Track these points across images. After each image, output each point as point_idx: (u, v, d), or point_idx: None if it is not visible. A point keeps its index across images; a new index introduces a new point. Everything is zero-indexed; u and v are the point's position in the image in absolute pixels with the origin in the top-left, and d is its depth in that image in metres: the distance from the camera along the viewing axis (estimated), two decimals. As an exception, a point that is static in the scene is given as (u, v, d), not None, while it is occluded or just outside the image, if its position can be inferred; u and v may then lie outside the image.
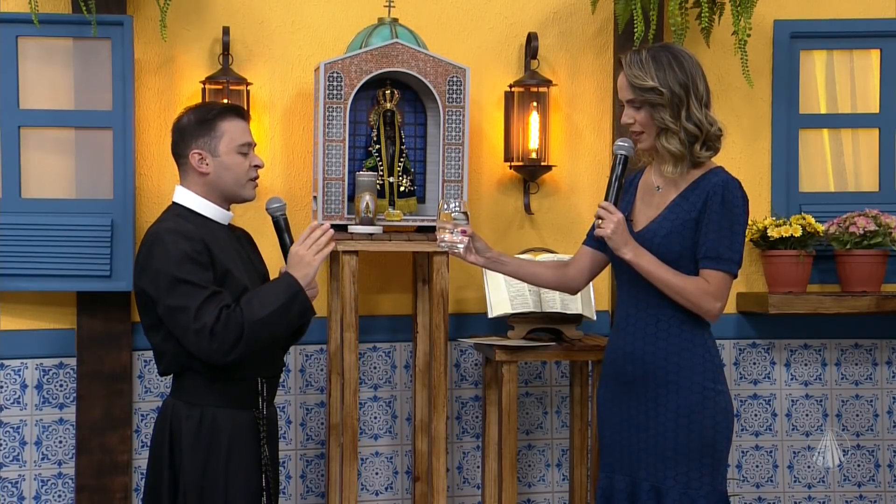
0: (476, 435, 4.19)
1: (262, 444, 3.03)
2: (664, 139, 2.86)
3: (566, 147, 4.20)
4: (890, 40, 4.29)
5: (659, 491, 2.85)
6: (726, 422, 2.86)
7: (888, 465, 4.35)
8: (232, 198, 3.08)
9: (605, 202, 2.87)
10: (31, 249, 3.76)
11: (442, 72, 3.76)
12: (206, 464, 2.97)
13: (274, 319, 2.92)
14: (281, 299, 2.93)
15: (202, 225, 3.02)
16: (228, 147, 3.01)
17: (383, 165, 3.86)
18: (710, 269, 2.82)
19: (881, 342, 4.34)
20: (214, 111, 3.05)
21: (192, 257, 2.92)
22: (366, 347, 4.10)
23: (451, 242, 3.00)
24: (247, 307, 2.91)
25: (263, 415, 3.04)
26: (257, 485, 3.02)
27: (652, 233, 2.89)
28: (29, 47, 3.81)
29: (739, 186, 2.86)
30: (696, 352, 2.85)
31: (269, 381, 3.09)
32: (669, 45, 2.94)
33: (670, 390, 2.84)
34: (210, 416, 2.99)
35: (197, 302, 2.89)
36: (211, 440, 2.98)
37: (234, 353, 2.91)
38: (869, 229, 4.05)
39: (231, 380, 3.00)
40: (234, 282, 2.98)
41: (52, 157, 3.86)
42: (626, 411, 2.91)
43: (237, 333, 2.89)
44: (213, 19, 3.97)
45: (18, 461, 3.90)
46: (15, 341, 3.87)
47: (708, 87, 2.89)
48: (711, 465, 2.83)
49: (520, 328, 3.87)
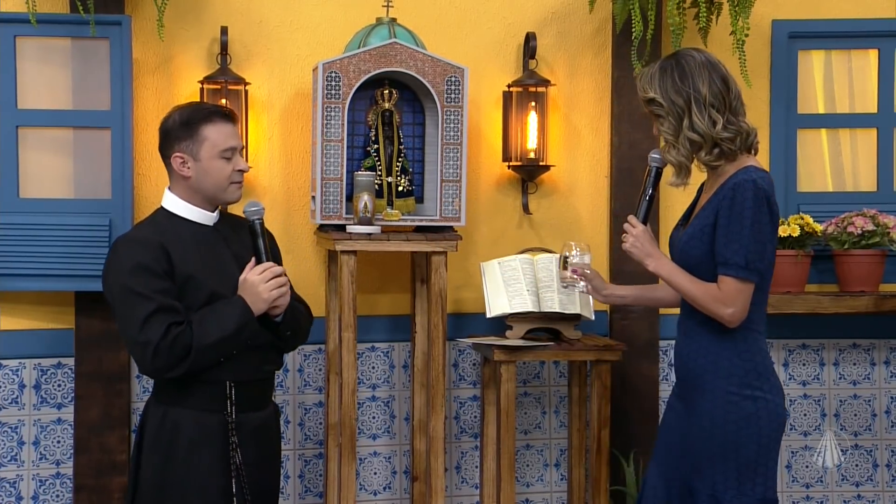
0: (474, 435, 4.19)
1: (232, 449, 2.99)
2: (667, 150, 2.91)
3: (564, 147, 4.20)
4: (888, 40, 4.29)
5: (691, 491, 2.88)
6: (753, 427, 2.82)
7: (886, 464, 4.36)
8: (214, 201, 3.08)
9: (630, 216, 2.96)
10: (29, 249, 3.76)
11: (440, 72, 3.76)
12: (165, 463, 2.98)
13: (223, 344, 2.95)
14: (231, 327, 2.94)
15: (174, 229, 3.04)
16: (210, 153, 3.02)
17: (381, 165, 3.86)
18: (722, 274, 2.81)
19: (879, 342, 4.35)
20: (199, 115, 3.04)
21: (146, 266, 2.93)
22: (364, 347, 4.10)
23: (572, 281, 3.20)
24: (197, 329, 2.93)
25: (233, 419, 3.01)
26: (223, 490, 2.99)
27: (680, 239, 2.93)
28: (27, 47, 3.81)
29: (753, 186, 2.78)
30: (722, 356, 2.85)
31: (242, 386, 3.04)
32: (684, 51, 2.92)
33: (699, 393, 2.88)
34: (173, 416, 3.00)
35: (143, 314, 2.90)
36: (171, 440, 2.99)
37: (176, 371, 2.94)
38: (867, 229, 4.05)
39: (198, 382, 2.99)
40: (199, 288, 2.98)
41: (51, 156, 3.86)
42: (672, 409, 2.99)
43: (182, 354, 2.92)
44: (212, 19, 3.97)
45: (16, 461, 3.90)
46: (13, 341, 3.87)
47: (721, 89, 2.84)
48: (737, 469, 2.82)
49: (518, 328, 3.87)
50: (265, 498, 3.12)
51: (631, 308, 4.11)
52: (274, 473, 3.18)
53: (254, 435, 3.06)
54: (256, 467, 3.06)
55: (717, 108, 2.83)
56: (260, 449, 3.08)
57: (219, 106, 3.20)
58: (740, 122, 2.87)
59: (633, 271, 4.05)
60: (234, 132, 3.07)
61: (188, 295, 2.97)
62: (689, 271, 2.88)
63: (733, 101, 2.87)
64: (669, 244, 3.04)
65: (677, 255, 2.93)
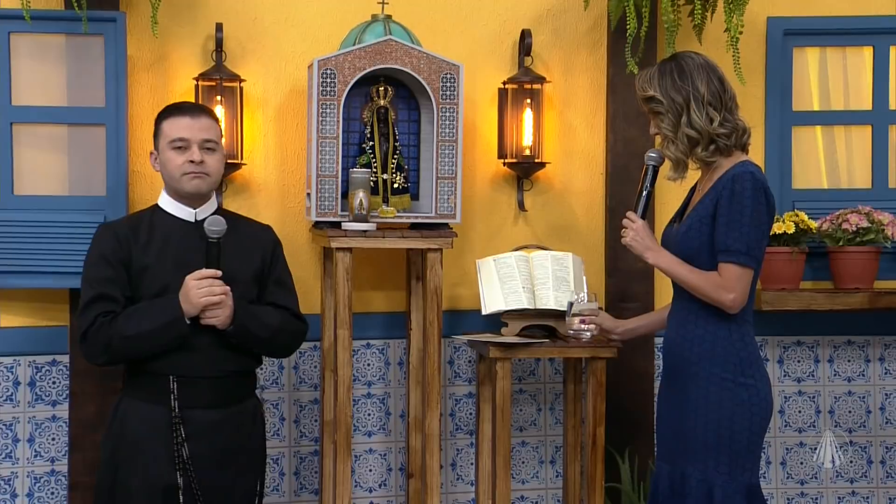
0: (470, 432, 4.19)
1: (177, 443, 3.02)
2: (665, 146, 3.03)
3: (560, 144, 4.20)
4: (883, 37, 4.30)
5: (683, 476, 2.97)
6: (745, 414, 2.93)
7: (881, 461, 4.36)
8: (180, 193, 3.17)
9: (629, 212, 3.09)
10: (23, 246, 3.75)
11: (435, 69, 3.76)
12: (116, 451, 3.09)
13: (143, 339, 3.01)
14: (155, 323, 3.01)
15: (152, 222, 3.15)
16: (164, 144, 3.16)
17: (377, 162, 3.86)
18: (723, 261, 2.92)
19: (874, 339, 4.35)
20: (162, 112, 3.20)
21: (104, 255, 3.08)
22: (359, 344, 4.10)
23: (578, 330, 3.54)
24: (123, 321, 3.01)
25: (176, 413, 3.03)
26: (168, 481, 3.02)
27: (678, 231, 3.04)
28: (21, 44, 3.80)
29: (752, 178, 2.91)
30: (717, 344, 2.95)
31: (189, 382, 3.06)
32: (682, 53, 3.07)
33: (692, 381, 2.97)
34: (125, 405, 3.12)
35: (83, 301, 3.07)
36: (121, 427, 3.09)
37: (100, 359, 3.08)
38: (862, 226, 4.06)
39: (144, 373, 3.08)
40: (153, 279, 3.07)
41: (45, 153, 3.85)
42: (667, 399, 3.07)
43: (104, 344, 3.02)
44: (206, 16, 3.96)
45: (11, 458, 3.89)
46: (7, 338, 3.87)
47: (718, 89, 2.98)
48: (730, 455, 2.93)
49: (514, 325, 3.87)
50: (222, 496, 3.10)
51: (626, 306, 4.11)
52: (236, 472, 3.14)
53: (207, 432, 3.07)
54: (210, 464, 3.07)
55: (714, 106, 2.97)
56: (215, 446, 3.08)
57: (187, 103, 3.30)
58: (735, 119, 3.01)
59: (629, 269, 4.07)
60: (192, 125, 3.15)
61: (142, 285, 3.08)
62: (687, 263, 2.99)
63: (729, 100, 3.01)
64: (663, 240, 3.15)
65: (674, 248, 3.03)
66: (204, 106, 3.32)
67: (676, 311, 3.08)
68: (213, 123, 3.22)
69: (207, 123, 3.19)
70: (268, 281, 3.27)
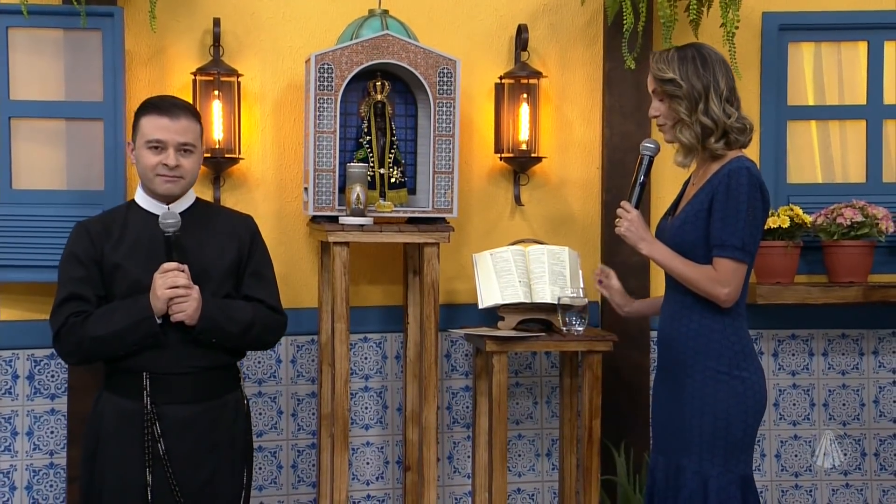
0: (466, 425, 4.21)
1: (151, 438, 3.02)
2: (678, 129, 3.02)
3: (556, 138, 4.21)
4: (877, 32, 4.31)
5: (678, 468, 2.99)
6: (740, 407, 2.95)
7: (874, 453, 4.39)
8: (150, 190, 3.16)
9: (624, 202, 3.09)
10: (22, 240, 3.76)
11: (432, 63, 3.77)
12: (96, 445, 3.09)
13: (114, 338, 3.01)
14: (127, 321, 3.01)
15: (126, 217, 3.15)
16: (140, 142, 3.14)
17: (374, 157, 3.87)
18: (717, 256, 2.94)
19: (868, 332, 4.37)
20: (142, 107, 3.16)
21: (76, 254, 3.10)
22: (357, 338, 4.11)
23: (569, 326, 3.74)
24: (93, 321, 3.02)
25: (149, 409, 3.03)
26: (138, 479, 3.02)
27: (672, 224, 3.05)
28: (19, 38, 3.81)
29: (748, 173, 2.93)
30: (712, 337, 2.97)
31: (163, 378, 3.05)
32: (698, 44, 3.08)
33: (687, 374, 2.99)
34: (103, 400, 3.12)
35: (57, 301, 3.08)
36: (98, 422, 3.10)
37: (74, 358, 3.11)
38: (856, 220, 4.07)
39: (118, 370, 3.09)
40: (125, 276, 3.07)
41: (43, 148, 3.86)
42: (661, 393, 3.10)
43: (76, 343, 3.04)
44: (204, 11, 3.96)
45: (10, 451, 3.90)
46: (7, 331, 3.88)
47: (732, 85, 3.01)
48: (725, 447, 2.95)
49: (510, 319, 3.88)
50: (203, 491, 3.09)
51: (622, 299, 4.13)
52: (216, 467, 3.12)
53: (183, 428, 3.06)
54: (187, 460, 3.06)
55: (730, 102, 3.00)
56: (191, 442, 3.07)
57: (168, 100, 3.20)
58: (745, 118, 3.04)
59: (625, 262, 4.07)
60: (170, 126, 3.09)
61: (115, 282, 3.08)
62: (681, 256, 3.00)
63: (737, 100, 3.05)
64: (657, 233, 3.16)
65: (668, 241, 3.04)
66: (184, 104, 3.19)
67: (669, 304, 3.09)
68: (192, 124, 3.13)
69: (186, 125, 3.11)
70: (244, 273, 3.21)
